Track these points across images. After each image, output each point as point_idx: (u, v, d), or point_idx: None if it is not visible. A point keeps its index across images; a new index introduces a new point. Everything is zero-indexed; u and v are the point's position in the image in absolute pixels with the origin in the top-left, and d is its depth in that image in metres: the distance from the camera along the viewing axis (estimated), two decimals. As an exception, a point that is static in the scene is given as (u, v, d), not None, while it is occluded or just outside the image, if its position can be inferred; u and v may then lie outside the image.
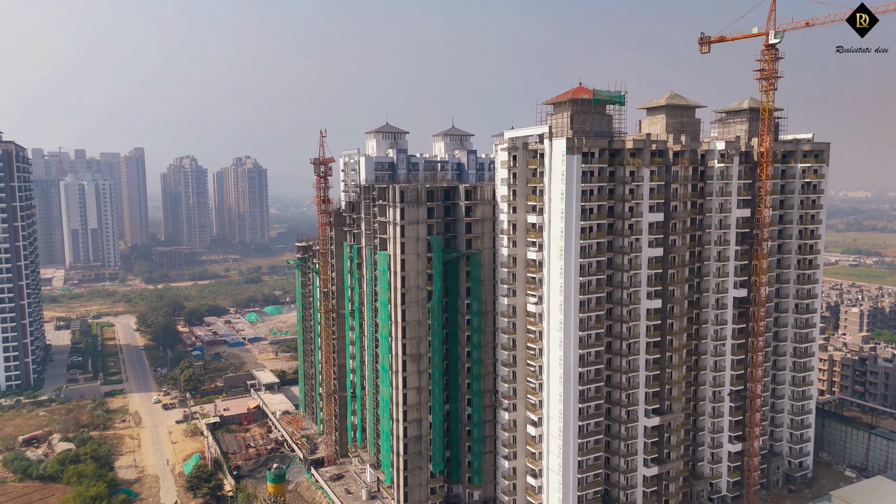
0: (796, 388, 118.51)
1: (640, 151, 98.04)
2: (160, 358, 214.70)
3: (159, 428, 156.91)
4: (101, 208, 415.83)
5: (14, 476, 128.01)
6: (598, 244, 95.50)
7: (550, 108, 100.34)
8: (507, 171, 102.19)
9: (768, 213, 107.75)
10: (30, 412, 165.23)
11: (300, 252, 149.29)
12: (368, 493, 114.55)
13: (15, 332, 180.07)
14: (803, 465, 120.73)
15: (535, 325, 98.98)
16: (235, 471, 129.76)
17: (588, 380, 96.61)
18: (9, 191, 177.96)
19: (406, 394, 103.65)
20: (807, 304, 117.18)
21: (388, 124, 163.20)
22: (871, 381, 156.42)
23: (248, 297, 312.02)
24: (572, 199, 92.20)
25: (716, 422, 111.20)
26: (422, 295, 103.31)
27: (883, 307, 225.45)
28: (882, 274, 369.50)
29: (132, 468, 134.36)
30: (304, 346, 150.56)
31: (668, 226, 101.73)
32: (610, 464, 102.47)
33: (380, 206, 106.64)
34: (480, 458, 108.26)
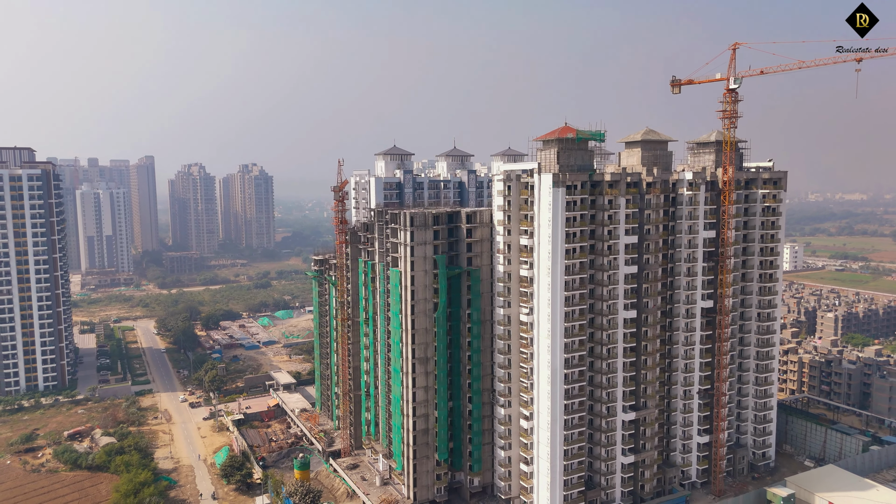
0: (759, 388, 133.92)
1: (617, 183, 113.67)
2: (181, 360, 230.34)
3: (188, 424, 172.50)
4: (116, 216, 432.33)
5: (65, 466, 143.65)
6: (580, 263, 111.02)
7: (541, 143, 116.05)
8: (503, 199, 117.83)
9: (732, 234, 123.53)
10: (69, 410, 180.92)
11: (317, 265, 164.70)
12: (381, 479, 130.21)
13: (52, 336, 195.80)
14: (766, 455, 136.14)
15: (527, 332, 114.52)
16: (261, 462, 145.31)
17: (573, 380, 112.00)
18: (47, 207, 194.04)
19: (415, 392, 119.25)
20: (768, 312, 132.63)
21: (395, 147, 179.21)
22: (836, 381, 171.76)
23: (260, 302, 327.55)
24: (558, 225, 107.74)
25: (686, 416, 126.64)
26: (429, 306, 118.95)
27: (857, 312, 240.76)
28: (866, 279, 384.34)
29: (168, 459, 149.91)
30: (321, 349, 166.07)
31: (643, 246, 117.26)
32: (592, 453, 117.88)
33: (392, 228, 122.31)
34: (480, 449, 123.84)
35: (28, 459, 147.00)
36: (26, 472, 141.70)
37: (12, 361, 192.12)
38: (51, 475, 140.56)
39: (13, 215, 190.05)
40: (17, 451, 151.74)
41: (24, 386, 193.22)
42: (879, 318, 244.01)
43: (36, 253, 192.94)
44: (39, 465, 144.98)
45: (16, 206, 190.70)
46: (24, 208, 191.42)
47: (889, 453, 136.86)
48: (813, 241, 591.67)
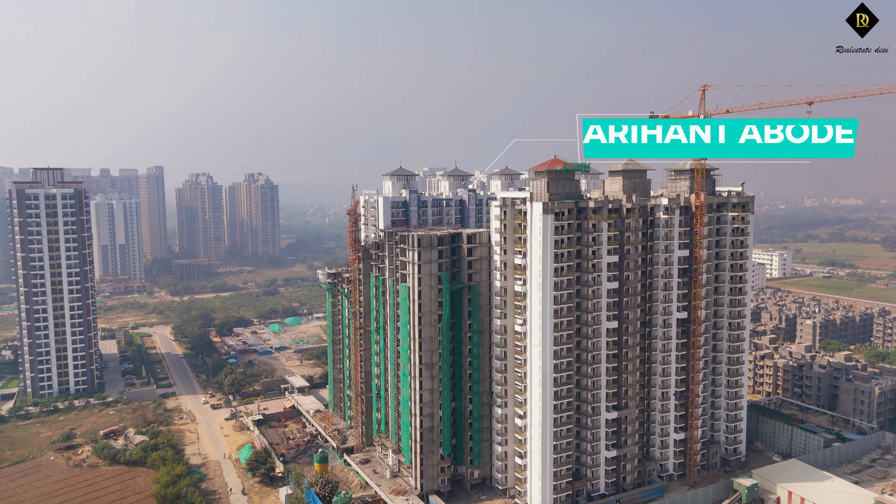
0: (730, 390, 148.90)
1: (600, 209, 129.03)
2: (199, 365, 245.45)
3: (211, 424, 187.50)
4: (129, 225, 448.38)
5: (104, 462, 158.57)
6: (567, 280, 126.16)
7: (533, 173, 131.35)
8: (500, 223, 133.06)
9: (704, 253, 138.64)
10: (101, 411, 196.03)
11: (330, 278, 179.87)
12: (391, 472, 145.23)
13: (83, 343, 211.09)
14: (737, 451, 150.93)
15: (521, 341, 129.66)
16: (281, 458, 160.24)
17: (561, 383, 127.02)
18: (80, 224, 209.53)
19: (422, 394, 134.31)
20: (738, 322, 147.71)
21: (402, 168, 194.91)
22: (807, 384, 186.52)
23: (270, 309, 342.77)
24: (548, 247, 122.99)
25: (664, 415, 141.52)
26: (434, 317, 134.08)
27: (834, 319, 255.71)
28: (851, 285, 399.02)
29: (197, 455, 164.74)
30: (334, 355, 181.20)
31: (623, 264, 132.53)
32: (579, 448, 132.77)
33: (401, 248, 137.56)
34: (479, 444, 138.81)
35: (70, 456, 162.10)
36: (70, 467, 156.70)
37: (46, 367, 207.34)
38: (92, 469, 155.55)
39: (48, 231, 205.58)
40: (58, 448, 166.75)
41: (57, 389, 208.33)
42: (856, 324, 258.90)
43: (69, 266, 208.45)
44: (80, 461, 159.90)
45: (50, 222, 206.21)
46: (57, 224, 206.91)
47: (848, 449, 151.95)
48: (804, 247, 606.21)
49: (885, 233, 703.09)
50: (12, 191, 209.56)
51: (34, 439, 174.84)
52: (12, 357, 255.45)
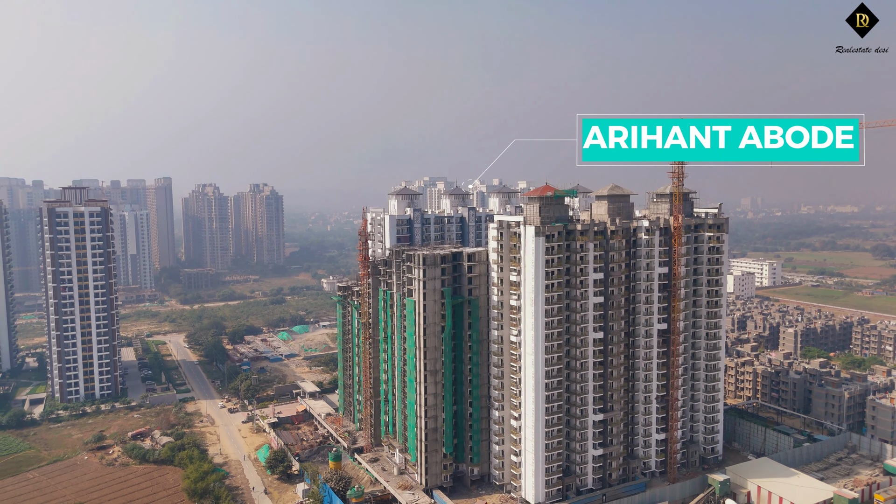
0: (708, 394, 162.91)
1: (587, 231, 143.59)
2: (214, 371, 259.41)
3: (229, 426, 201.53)
4: (140, 236, 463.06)
5: (134, 461, 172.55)
6: (557, 295, 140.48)
7: (526, 199, 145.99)
8: (497, 244, 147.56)
9: (682, 270, 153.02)
10: (126, 415, 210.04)
11: (341, 290, 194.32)
12: (398, 469, 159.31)
13: (108, 350, 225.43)
14: (714, 450, 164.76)
15: (516, 350, 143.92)
16: (297, 457, 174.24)
17: (552, 388, 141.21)
18: (105, 240, 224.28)
19: (426, 398, 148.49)
20: (714, 332, 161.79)
21: (406, 187, 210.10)
22: (784, 389, 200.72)
23: (278, 318, 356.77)
24: (540, 266, 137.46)
25: (646, 417, 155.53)
26: (437, 328, 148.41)
27: (815, 328, 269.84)
28: (838, 294, 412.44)
29: (219, 455, 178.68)
30: (344, 362, 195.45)
31: (608, 281, 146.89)
32: (569, 447, 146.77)
33: (407, 266, 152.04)
34: (479, 444, 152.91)
35: (102, 455, 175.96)
36: (103, 466, 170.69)
37: (74, 373, 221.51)
38: (124, 468, 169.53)
39: (76, 247, 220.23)
40: (90, 448, 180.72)
41: (84, 394, 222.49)
42: (836, 332, 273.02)
43: (95, 279, 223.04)
44: (112, 460, 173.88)
45: (78, 238, 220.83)
46: (85, 240, 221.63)
47: (817, 449, 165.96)
48: (797, 255, 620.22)
49: (877, 240, 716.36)
50: (43, 209, 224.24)
51: (67, 440, 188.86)
52: (36, 364, 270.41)
